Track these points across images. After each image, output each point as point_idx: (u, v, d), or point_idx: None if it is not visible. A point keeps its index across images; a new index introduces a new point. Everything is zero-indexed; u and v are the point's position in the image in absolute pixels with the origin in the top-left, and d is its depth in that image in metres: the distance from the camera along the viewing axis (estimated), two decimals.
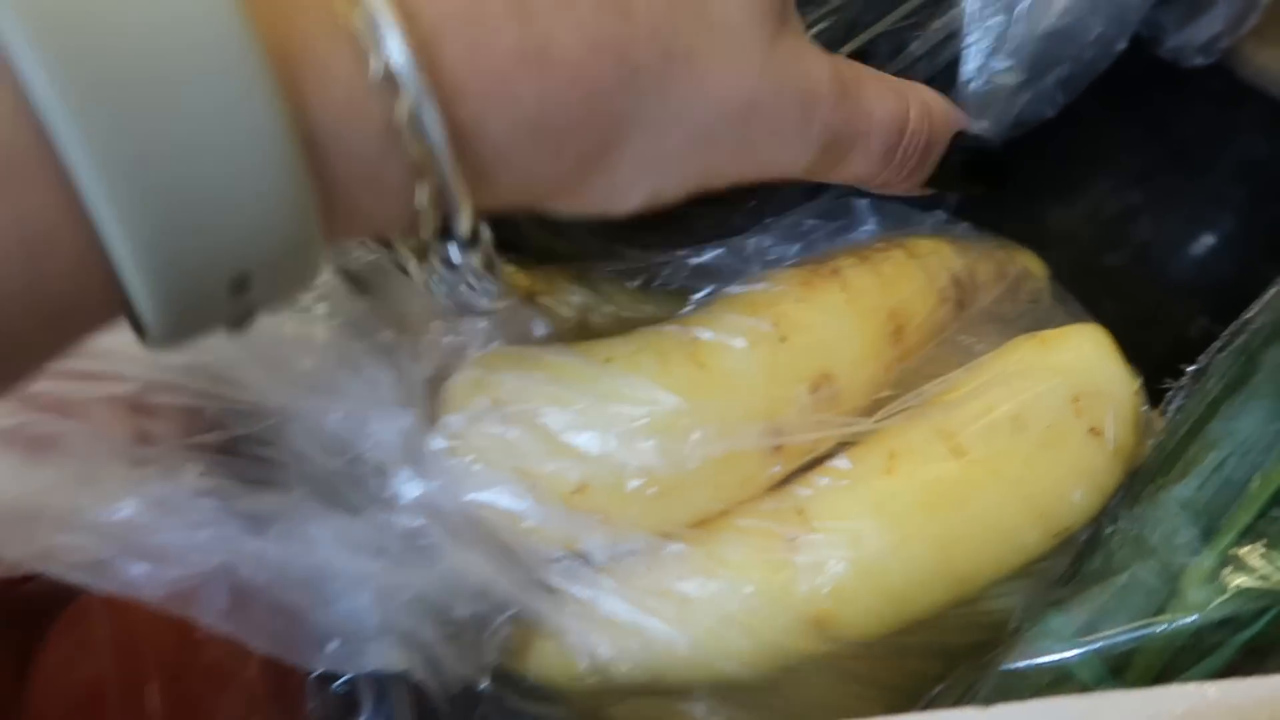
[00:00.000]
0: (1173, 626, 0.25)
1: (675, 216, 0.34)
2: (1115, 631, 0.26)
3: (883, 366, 0.31)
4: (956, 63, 0.35)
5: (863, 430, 0.29)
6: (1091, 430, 0.28)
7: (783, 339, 0.29)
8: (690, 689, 0.30)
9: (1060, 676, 0.26)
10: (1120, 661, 0.26)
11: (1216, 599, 0.25)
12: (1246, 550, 0.24)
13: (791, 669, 0.29)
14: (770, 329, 0.29)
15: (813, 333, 0.30)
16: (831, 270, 0.31)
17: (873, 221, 0.36)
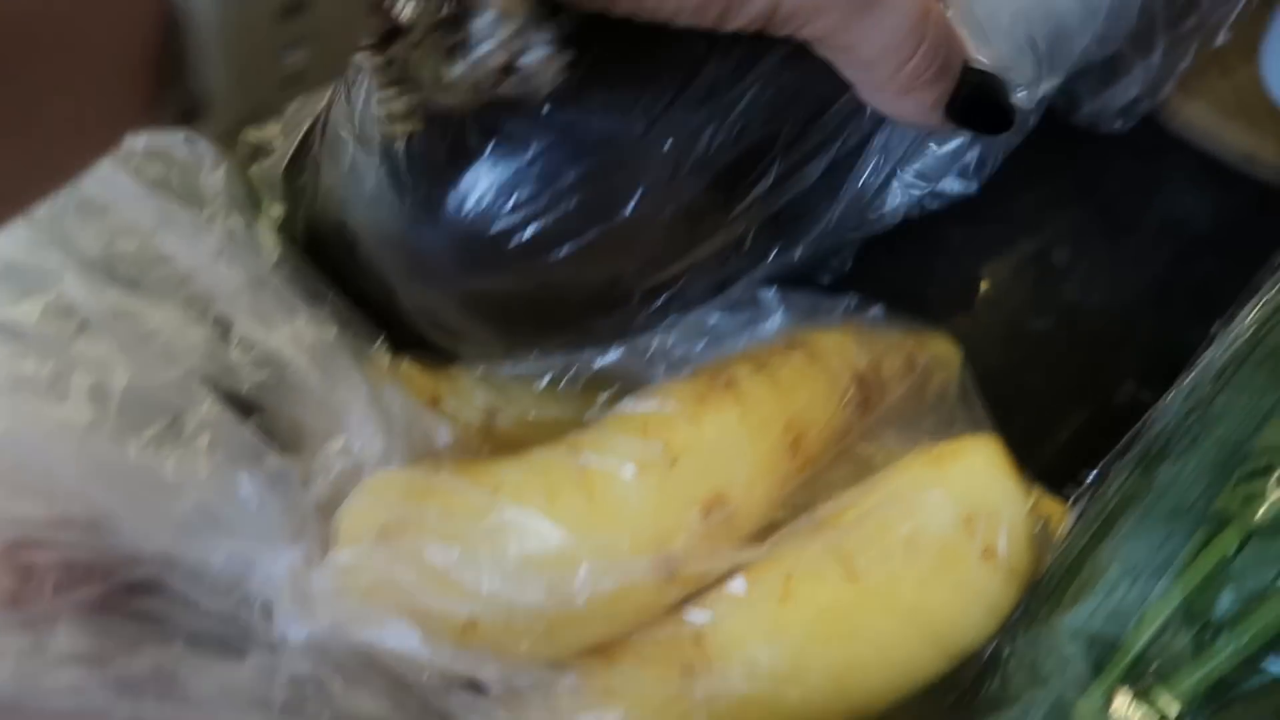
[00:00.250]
0: None
1: (577, 320, 0.33)
2: None
3: (779, 480, 0.30)
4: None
5: (757, 559, 0.29)
6: (985, 552, 0.28)
7: (673, 463, 0.29)
8: None
9: None
10: None
11: None
12: (1130, 694, 0.24)
13: None
14: (660, 453, 0.29)
15: (704, 455, 0.29)
16: (726, 383, 0.30)
17: (780, 313, 0.36)
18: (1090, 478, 0.30)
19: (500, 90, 0.25)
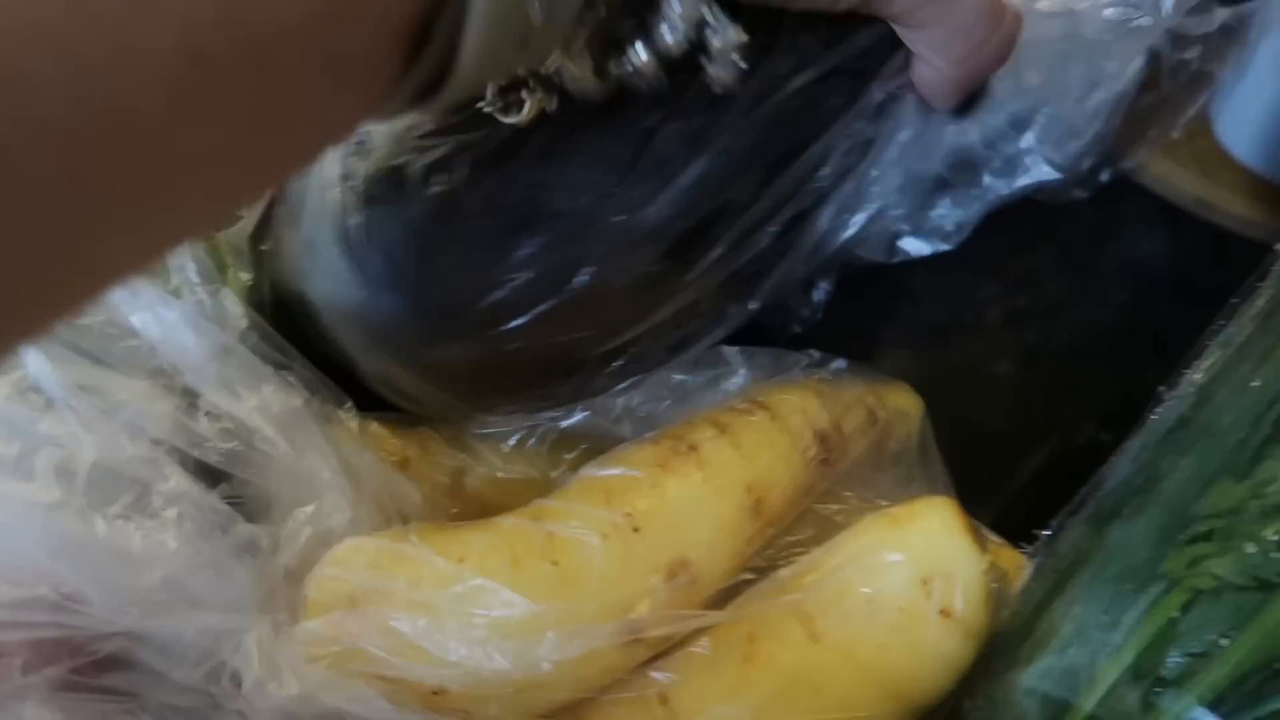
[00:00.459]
0: None
1: (536, 384, 0.34)
2: None
3: (743, 543, 0.31)
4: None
5: (719, 621, 0.29)
6: (942, 611, 0.28)
7: (636, 530, 0.29)
8: None
9: None
10: None
11: None
12: None
13: None
14: (623, 520, 0.29)
15: (668, 520, 0.29)
16: (689, 447, 0.31)
17: (743, 370, 0.36)
18: (1046, 533, 0.30)
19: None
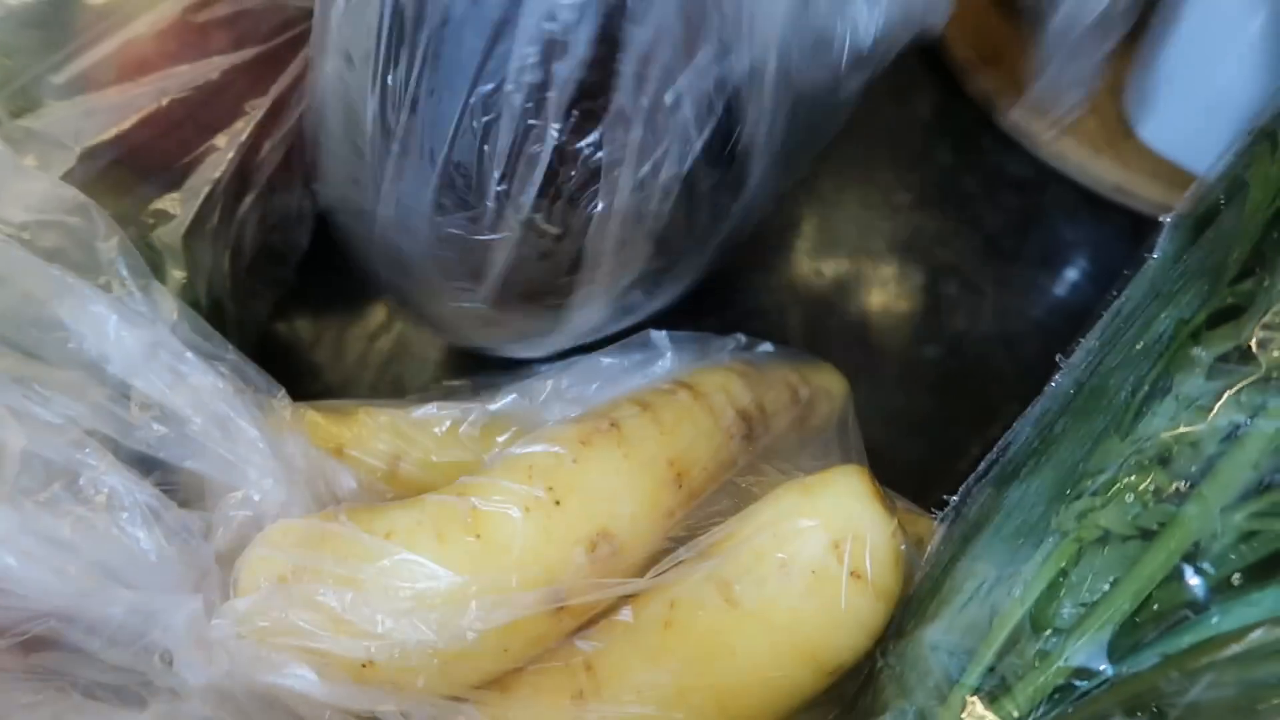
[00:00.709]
0: None
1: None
2: None
3: (663, 514, 0.32)
4: None
5: (640, 588, 0.30)
6: (853, 574, 0.29)
7: (557, 503, 0.30)
8: None
9: None
10: None
11: None
12: (980, 702, 0.26)
13: None
14: (544, 495, 0.30)
15: (588, 494, 0.30)
16: (611, 424, 0.32)
17: (670, 354, 0.37)
18: (954, 500, 0.31)
19: None
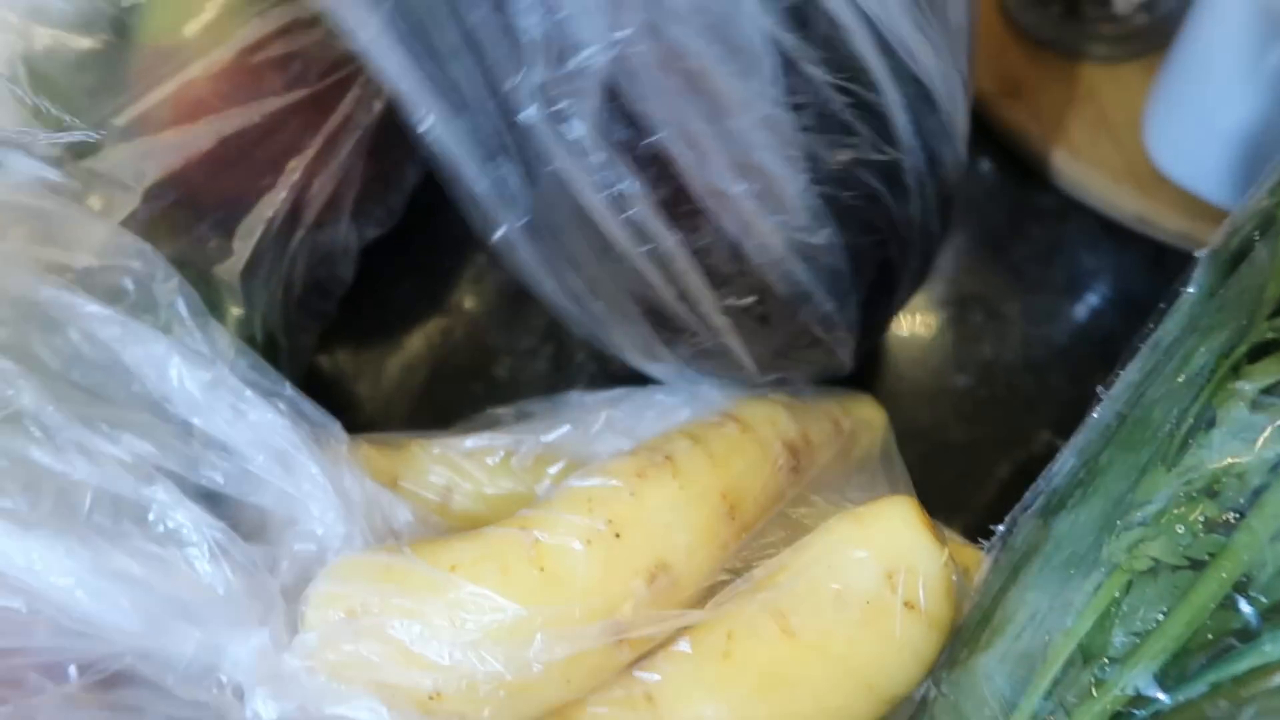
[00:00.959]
0: None
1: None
2: None
3: (719, 546, 0.32)
4: None
5: (698, 620, 0.31)
6: (907, 604, 0.30)
7: (617, 536, 0.31)
8: None
9: None
10: None
11: None
12: None
13: None
14: (605, 528, 0.31)
15: (647, 526, 0.31)
16: (665, 457, 0.33)
17: (715, 387, 0.38)
18: (1000, 529, 0.32)
19: None
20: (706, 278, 0.31)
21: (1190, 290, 0.32)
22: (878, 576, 0.30)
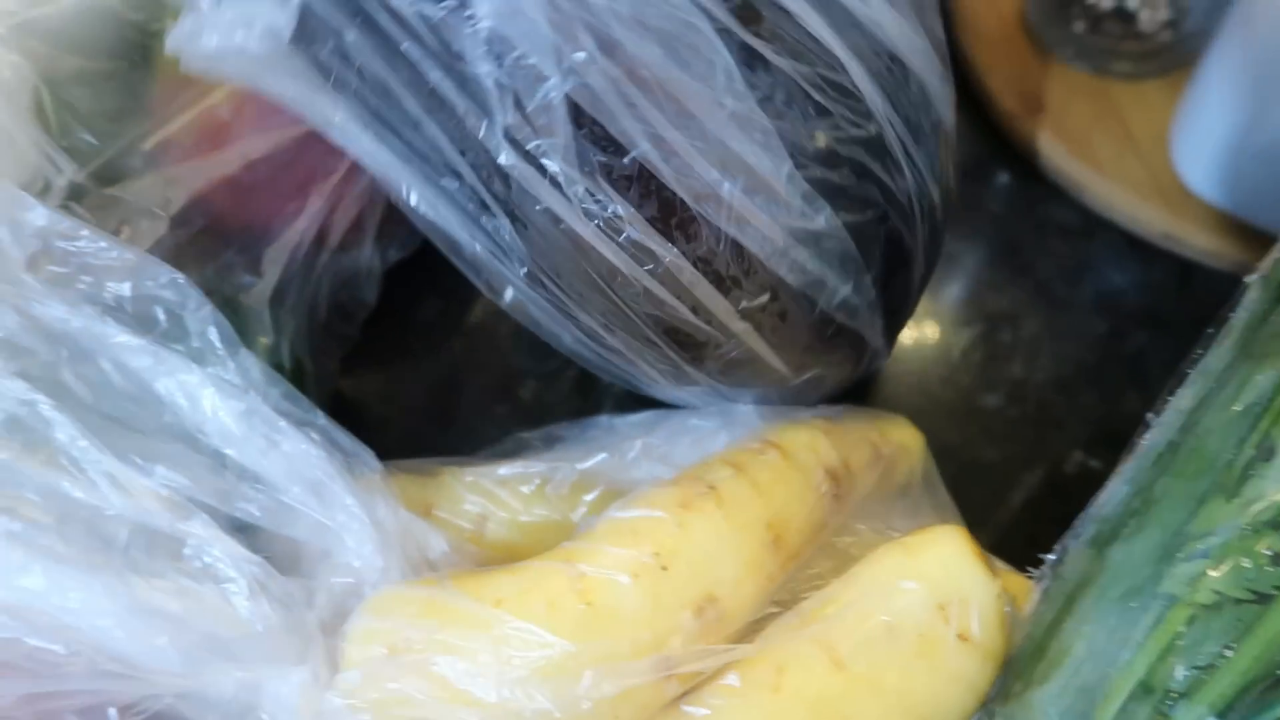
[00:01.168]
0: None
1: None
2: None
3: (765, 577, 0.32)
4: None
5: (749, 655, 0.30)
6: (960, 636, 0.30)
7: (664, 568, 0.30)
8: None
9: None
10: None
11: None
12: None
13: None
14: (651, 560, 0.30)
15: (693, 559, 0.31)
16: (708, 487, 0.32)
17: (754, 412, 0.38)
18: (1050, 557, 0.32)
19: None
20: (716, 285, 0.31)
21: (1241, 315, 0.31)
22: (930, 608, 0.30)
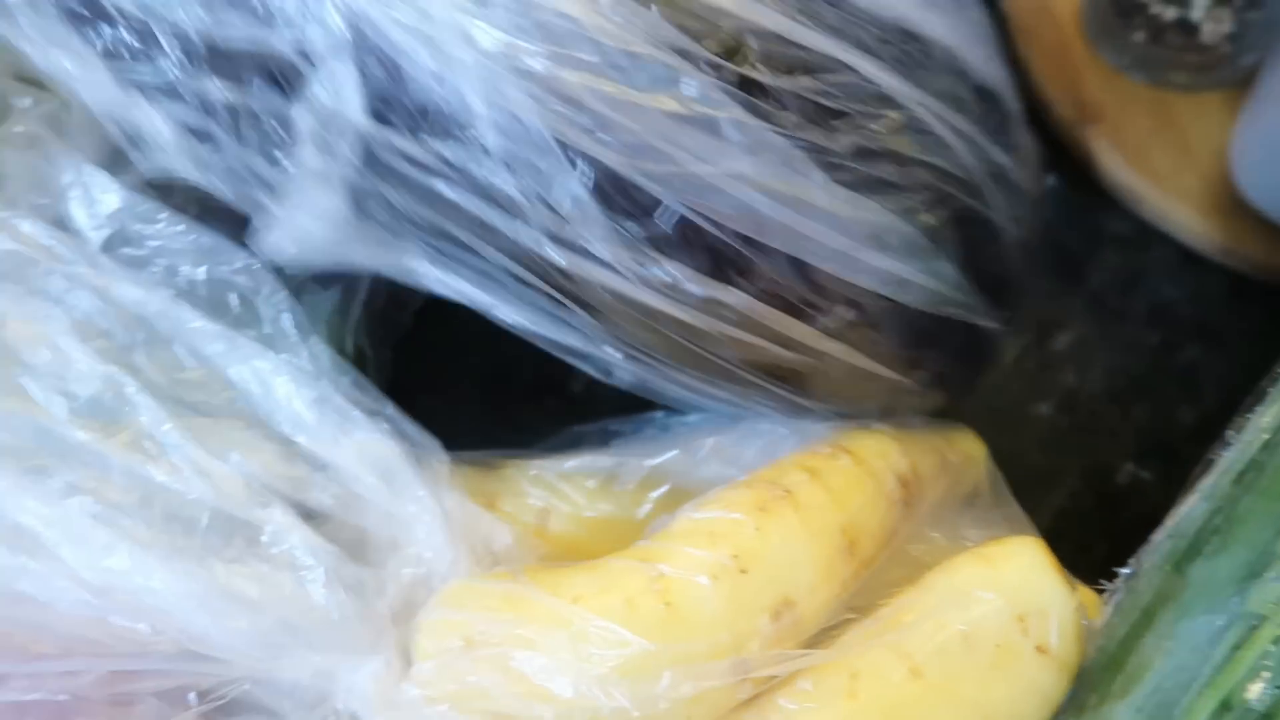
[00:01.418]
0: None
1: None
2: None
3: (839, 584, 0.32)
4: None
5: (825, 660, 0.30)
6: (1038, 648, 0.30)
7: (743, 571, 0.30)
8: None
9: None
10: None
11: None
12: None
13: None
14: (730, 562, 0.30)
15: (771, 562, 0.31)
16: (784, 491, 0.32)
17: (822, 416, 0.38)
18: (1125, 571, 0.32)
19: None
20: (790, 312, 0.31)
21: None
22: (1008, 619, 0.30)
